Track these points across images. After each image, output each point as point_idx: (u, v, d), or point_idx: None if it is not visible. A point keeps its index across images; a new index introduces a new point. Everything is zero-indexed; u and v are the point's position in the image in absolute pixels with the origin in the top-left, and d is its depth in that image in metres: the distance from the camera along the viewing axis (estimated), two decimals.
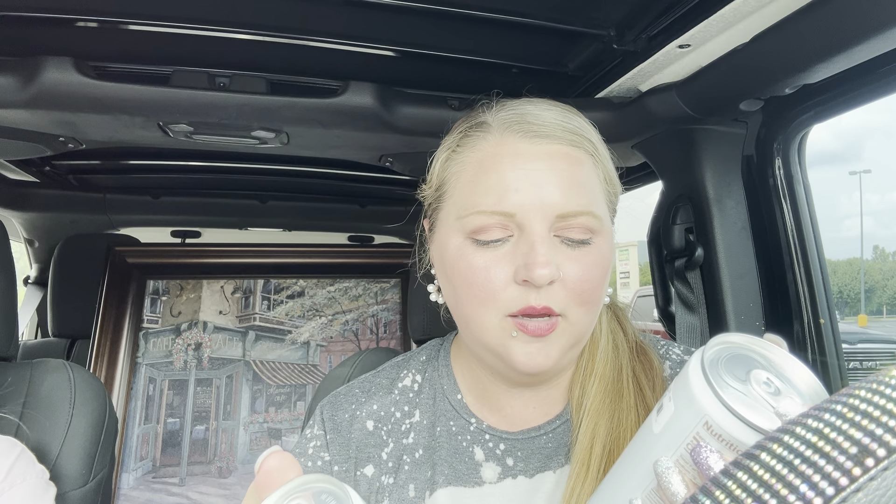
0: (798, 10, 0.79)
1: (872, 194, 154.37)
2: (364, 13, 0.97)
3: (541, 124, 0.66)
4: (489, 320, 0.65)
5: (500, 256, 0.64)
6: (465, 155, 0.69)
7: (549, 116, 0.67)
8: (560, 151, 0.66)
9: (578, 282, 0.63)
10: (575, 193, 0.64)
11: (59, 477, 0.93)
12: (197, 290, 1.91)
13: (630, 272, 22.16)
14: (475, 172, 0.67)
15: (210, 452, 1.78)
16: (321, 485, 0.39)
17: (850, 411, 0.24)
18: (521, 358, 0.64)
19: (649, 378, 0.71)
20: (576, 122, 0.68)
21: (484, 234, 0.64)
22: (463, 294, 0.66)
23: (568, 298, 0.63)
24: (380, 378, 0.80)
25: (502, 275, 0.63)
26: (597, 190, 0.67)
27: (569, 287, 0.63)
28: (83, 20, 0.97)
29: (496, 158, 0.66)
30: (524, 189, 0.63)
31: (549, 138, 0.66)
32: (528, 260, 0.61)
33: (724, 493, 0.24)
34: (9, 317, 1.02)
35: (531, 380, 0.70)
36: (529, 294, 0.62)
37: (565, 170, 0.65)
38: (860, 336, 10.22)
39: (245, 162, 1.83)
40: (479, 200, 0.65)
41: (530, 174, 0.64)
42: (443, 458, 0.72)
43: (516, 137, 0.66)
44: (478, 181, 0.66)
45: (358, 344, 1.97)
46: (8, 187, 1.88)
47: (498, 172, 0.65)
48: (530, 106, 0.69)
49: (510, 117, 0.68)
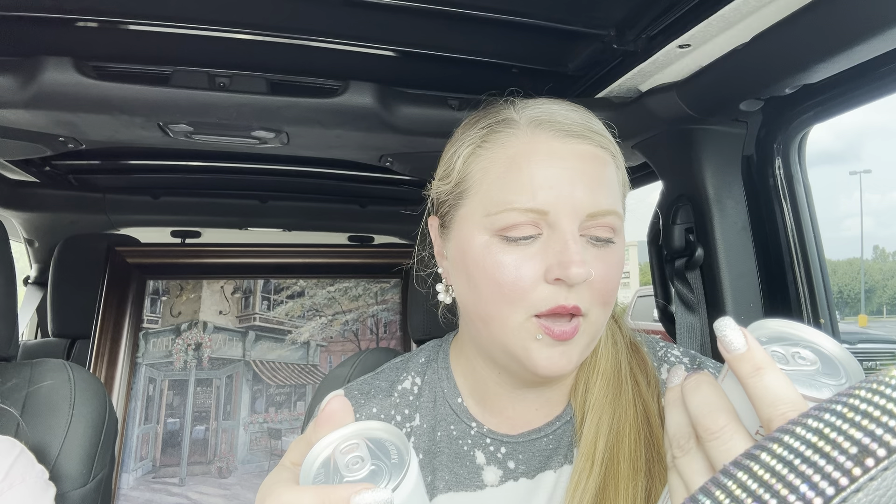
0: (798, 10, 0.79)
1: (872, 194, 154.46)
2: (364, 13, 0.97)
3: (570, 123, 0.66)
4: (513, 320, 0.64)
5: (530, 254, 0.63)
6: (493, 151, 0.67)
7: (576, 117, 0.67)
8: (589, 151, 0.66)
9: (603, 281, 0.64)
10: (602, 193, 0.65)
11: (59, 477, 0.93)
12: (197, 290, 1.91)
13: (630, 272, 22.16)
14: (506, 169, 0.65)
15: (210, 452, 1.78)
16: (380, 434, 0.39)
17: (850, 411, 0.24)
18: (543, 362, 0.63)
19: (644, 374, 0.72)
20: (597, 123, 0.69)
21: (514, 231, 0.63)
22: (488, 293, 0.65)
23: (592, 298, 0.63)
24: (379, 380, 0.80)
25: (532, 273, 0.62)
26: (618, 190, 0.68)
27: (595, 287, 0.63)
28: (83, 20, 0.97)
29: (529, 156, 0.65)
30: (557, 187, 0.63)
31: (579, 138, 0.66)
32: (562, 258, 0.61)
33: (724, 493, 0.24)
34: (9, 317, 1.02)
35: (546, 381, 0.70)
36: (559, 293, 0.62)
37: (594, 169, 0.65)
38: (860, 336, 10.22)
39: (245, 162, 1.83)
40: (511, 198, 0.63)
41: (562, 172, 0.64)
42: (443, 462, 0.71)
43: (548, 135, 0.66)
44: (509, 178, 0.65)
45: (358, 344, 1.97)
46: (8, 187, 1.87)
47: (531, 169, 0.64)
48: (555, 106, 0.69)
49: (540, 115, 0.67)
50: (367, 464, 0.38)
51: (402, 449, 0.39)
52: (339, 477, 0.38)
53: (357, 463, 0.38)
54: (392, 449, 0.39)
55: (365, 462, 0.38)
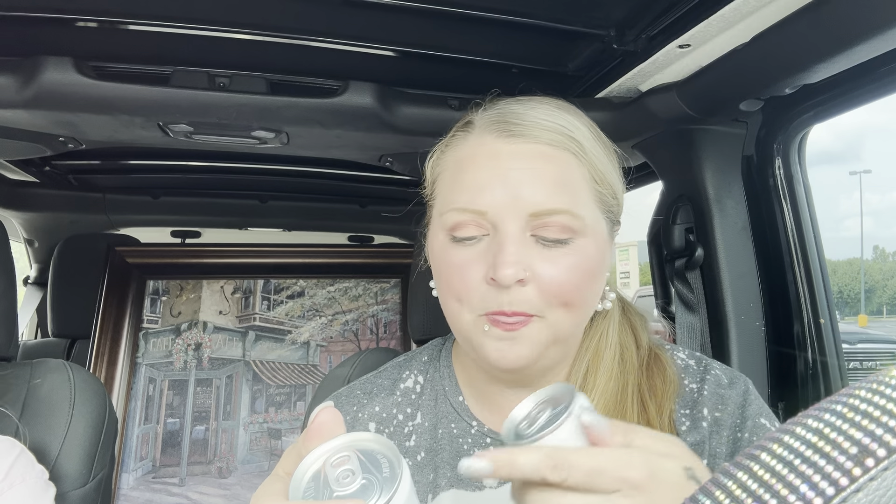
0: (798, 10, 0.79)
1: (872, 194, 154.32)
2: (364, 13, 0.97)
3: (519, 123, 0.66)
4: (465, 317, 0.66)
5: (474, 255, 0.65)
6: (449, 154, 0.71)
7: (533, 115, 0.67)
8: (537, 151, 0.66)
9: (554, 283, 0.63)
10: (551, 192, 0.64)
11: (59, 477, 0.93)
12: (197, 290, 1.91)
13: (630, 272, 22.16)
14: (455, 171, 0.69)
15: (210, 452, 1.78)
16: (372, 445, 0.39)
17: (850, 411, 0.24)
18: (493, 353, 0.64)
19: (655, 395, 0.69)
20: (562, 120, 0.67)
21: (460, 230, 0.65)
22: (445, 290, 0.68)
23: (543, 299, 0.63)
24: (381, 379, 0.80)
25: (476, 274, 0.64)
26: (580, 189, 0.66)
27: (543, 288, 0.63)
28: (83, 20, 0.97)
29: (473, 158, 0.67)
30: (497, 188, 0.64)
31: (525, 137, 0.66)
32: (496, 259, 0.62)
33: (724, 493, 0.24)
34: (9, 317, 1.02)
35: (513, 376, 0.70)
36: (501, 296, 0.62)
37: (542, 168, 0.65)
38: (860, 336, 10.22)
39: (245, 162, 1.83)
40: (455, 198, 0.66)
41: (504, 174, 0.64)
42: (445, 460, 0.71)
43: (493, 137, 0.67)
44: (456, 180, 0.68)
45: (358, 344, 1.96)
46: (8, 187, 1.87)
47: (473, 171, 0.66)
48: (517, 105, 0.69)
49: (493, 116, 0.69)
50: (358, 477, 0.37)
51: (393, 462, 0.38)
52: (329, 491, 0.37)
53: (348, 476, 0.37)
54: (384, 462, 0.38)
55: (356, 475, 0.37)
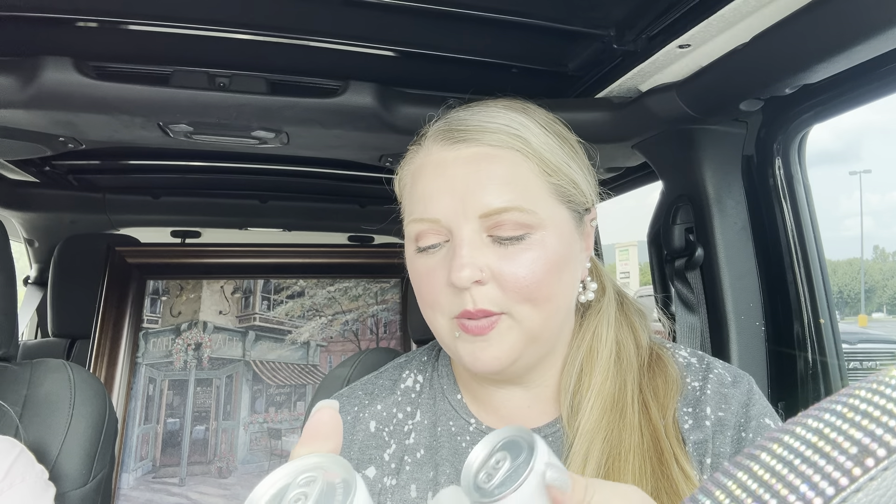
0: (798, 10, 0.79)
1: (872, 194, 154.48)
2: (364, 13, 0.97)
3: (463, 129, 0.68)
4: (439, 322, 0.68)
5: (437, 262, 0.67)
6: (405, 168, 0.74)
7: (476, 119, 0.69)
8: (480, 153, 0.67)
9: (512, 278, 0.63)
10: (497, 192, 0.64)
11: (59, 477, 0.93)
12: (197, 290, 1.91)
13: (630, 272, 22.16)
14: (411, 183, 0.72)
15: (210, 452, 1.78)
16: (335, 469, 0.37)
17: (850, 411, 0.24)
18: (467, 357, 0.66)
19: (657, 396, 0.68)
20: (506, 119, 0.68)
21: (422, 240, 0.68)
22: (419, 299, 0.70)
23: (507, 297, 0.64)
24: (382, 379, 0.81)
25: (440, 280, 0.66)
26: (530, 184, 0.66)
27: (504, 285, 0.64)
28: (83, 20, 0.97)
29: (422, 169, 0.70)
30: (445, 195, 0.66)
31: (468, 142, 0.67)
32: (451, 264, 0.63)
33: (724, 493, 0.24)
34: (9, 317, 1.02)
35: (496, 377, 0.70)
36: (465, 297, 0.64)
37: (486, 170, 0.66)
38: (860, 336, 10.21)
39: (245, 162, 1.83)
40: (412, 209, 0.69)
41: (450, 180, 0.66)
42: (444, 457, 0.72)
43: (440, 146, 0.69)
44: (413, 192, 0.71)
45: (358, 344, 1.97)
46: (8, 187, 1.87)
47: (423, 182, 0.69)
48: (463, 112, 0.71)
49: (440, 126, 0.71)
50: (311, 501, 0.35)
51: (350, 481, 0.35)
52: None
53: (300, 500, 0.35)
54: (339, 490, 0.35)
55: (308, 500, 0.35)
